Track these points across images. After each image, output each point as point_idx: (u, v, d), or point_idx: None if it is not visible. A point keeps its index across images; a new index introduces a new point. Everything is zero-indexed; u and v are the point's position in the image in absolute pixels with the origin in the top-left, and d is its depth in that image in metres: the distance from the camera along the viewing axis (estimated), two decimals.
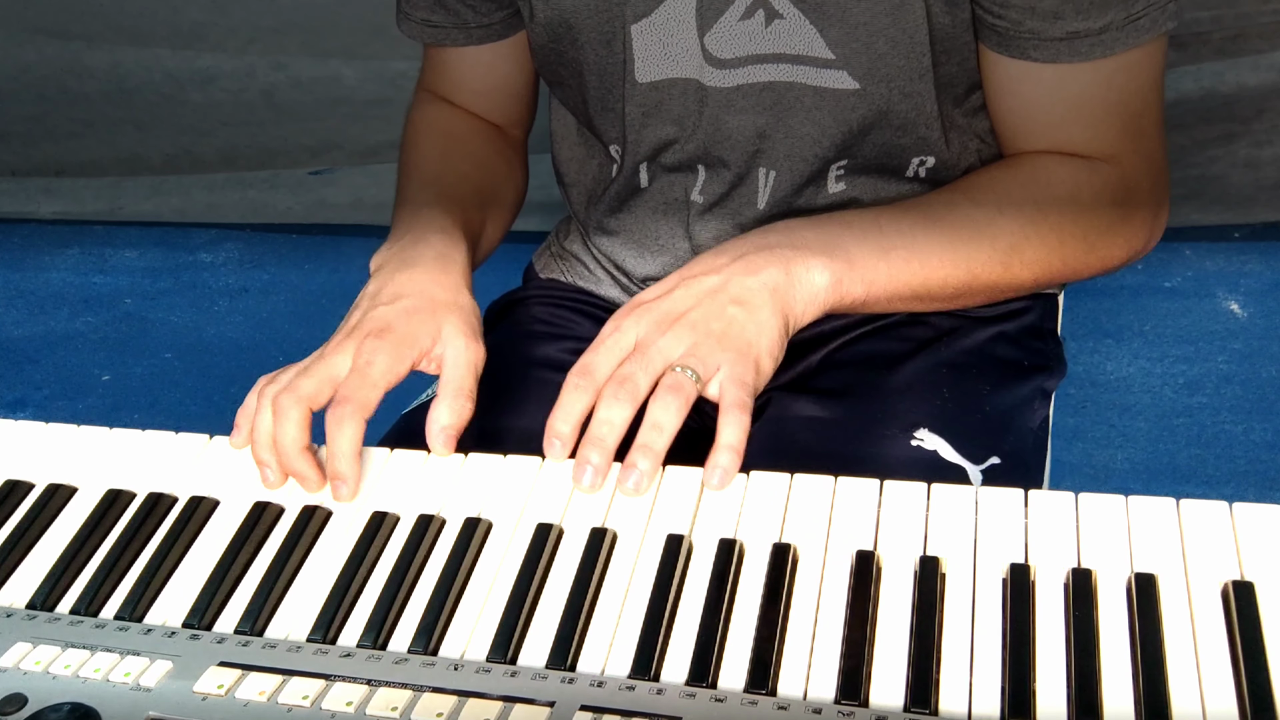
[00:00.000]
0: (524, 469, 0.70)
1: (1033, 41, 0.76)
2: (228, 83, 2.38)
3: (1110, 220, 0.80)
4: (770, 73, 0.80)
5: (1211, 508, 0.61)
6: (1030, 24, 0.75)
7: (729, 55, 0.80)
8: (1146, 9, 0.74)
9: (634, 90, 0.84)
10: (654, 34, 0.81)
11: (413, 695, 0.57)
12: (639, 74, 0.83)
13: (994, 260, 0.77)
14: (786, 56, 0.79)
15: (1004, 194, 0.79)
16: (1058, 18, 0.74)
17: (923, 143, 0.84)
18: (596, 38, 0.83)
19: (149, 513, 0.70)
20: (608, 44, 0.83)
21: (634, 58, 0.82)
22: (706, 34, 0.80)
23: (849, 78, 0.79)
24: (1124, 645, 0.56)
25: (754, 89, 0.81)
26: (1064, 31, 0.74)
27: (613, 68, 0.84)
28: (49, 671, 0.60)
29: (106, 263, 2.49)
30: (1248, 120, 2.03)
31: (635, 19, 0.81)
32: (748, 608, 0.60)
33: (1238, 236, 2.13)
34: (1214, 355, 1.94)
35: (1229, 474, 1.74)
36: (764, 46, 0.79)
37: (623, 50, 0.82)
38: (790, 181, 0.85)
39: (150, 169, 2.56)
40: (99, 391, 2.14)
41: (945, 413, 0.83)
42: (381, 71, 2.30)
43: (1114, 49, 0.75)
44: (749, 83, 0.81)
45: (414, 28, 0.94)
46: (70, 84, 2.43)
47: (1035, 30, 0.75)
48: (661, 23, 0.80)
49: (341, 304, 0.80)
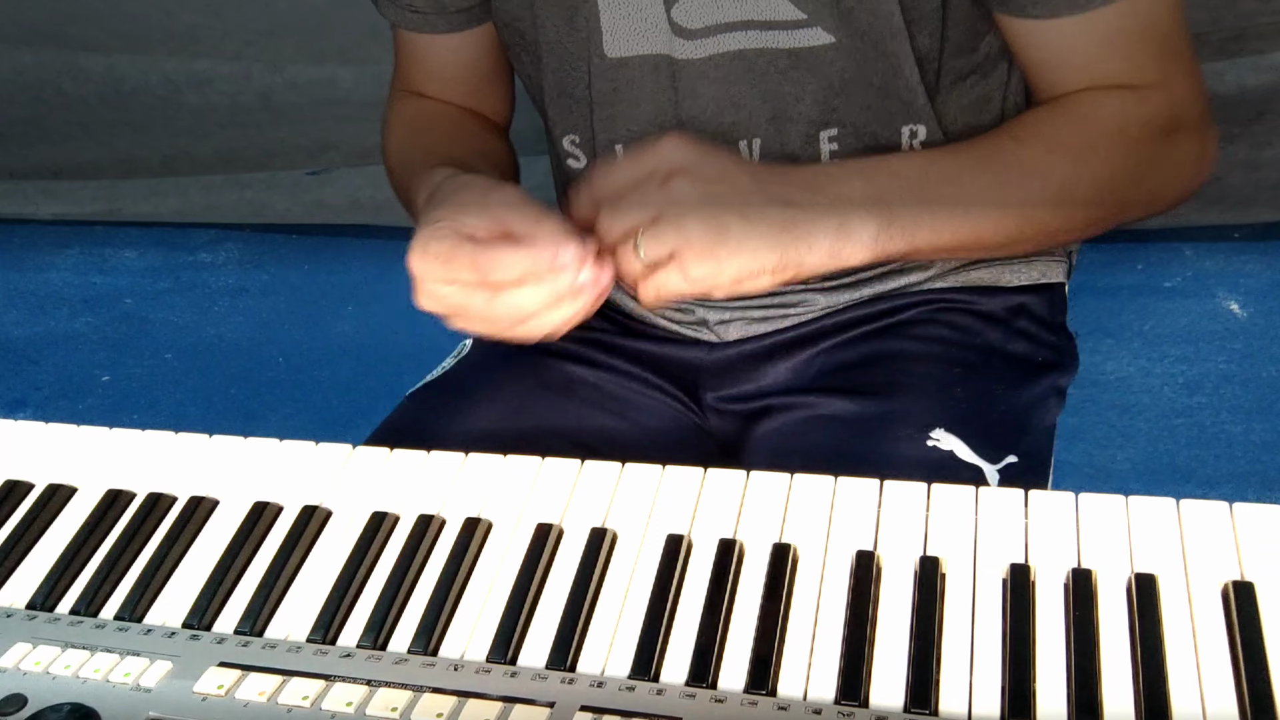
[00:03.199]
0: (524, 469, 0.70)
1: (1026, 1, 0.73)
2: (224, 85, 2.38)
3: (1159, 152, 0.77)
4: (740, 40, 0.79)
5: (1211, 508, 0.61)
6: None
7: (697, 25, 0.79)
8: None
9: (602, 66, 0.82)
10: (622, 7, 0.79)
11: (413, 695, 0.57)
12: (607, 48, 0.81)
13: (1046, 202, 0.75)
14: (756, 23, 0.78)
15: (1051, 132, 0.76)
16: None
17: (908, 109, 0.82)
18: (558, 13, 0.82)
19: (149, 513, 0.70)
20: (569, 20, 0.81)
21: (601, 30, 0.81)
22: (674, 6, 0.78)
23: (823, 33, 0.78)
24: (1124, 645, 0.56)
25: (725, 58, 0.80)
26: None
27: (575, 46, 0.83)
28: (49, 672, 0.60)
29: (106, 263, 2.49)
30: (1248, 121, 2.02)
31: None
32: (748, 608, 0.60)
33: (1238, 236, 2.12)
34: (1214, 355, 1.94)
35: (1229, 474, 1.74)
36: (731, 14, 0.78)
37: (586, 26, 0.81)
38: (777, 147, 0.83)
39: (148, 171, 2.56)
40: (99, 391, 2.14)
41: (960, 412, 0.83)
42: (377, 74, 2.30)
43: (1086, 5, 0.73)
44: (719, 52, 0.79)
45: (396, 12, 0.92)
46: (67, 87, 2.42)
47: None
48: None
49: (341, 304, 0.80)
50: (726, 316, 0.91)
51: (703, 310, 0.91)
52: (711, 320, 0.91)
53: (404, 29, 0.94)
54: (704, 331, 0.92)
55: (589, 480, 0.69)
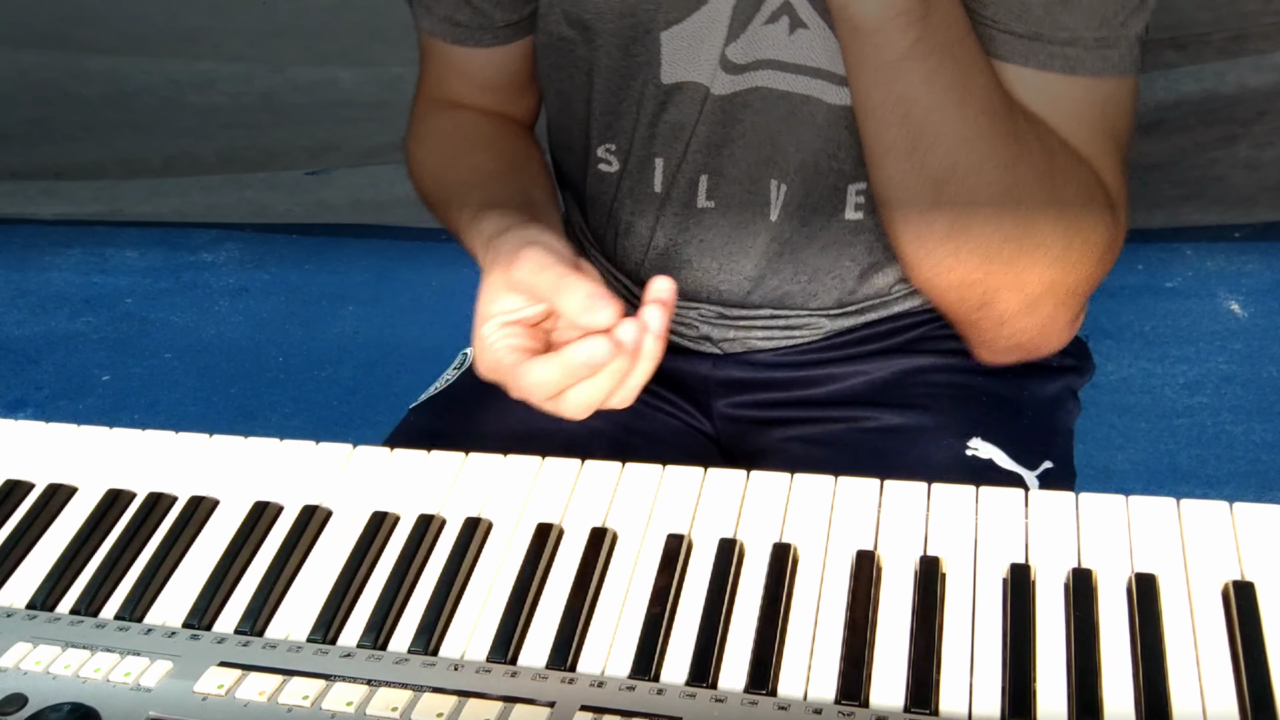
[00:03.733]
0: (524, 469, 0.70)
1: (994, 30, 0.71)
2: (226, 86, 2.38)
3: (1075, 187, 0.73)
4: (788, 82, 0.79)
5: (1211, 508, 0.61)
6: (993, 11, 0.71)
7: (745, 60, 0.79)
8: (1117, 40, 0.71)
9: (656, 91, 0.82)
10: (684, 39, 0.79)
11: (413, 695, 0.57)
12: (664, 76, 0.81)
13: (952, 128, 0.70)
14: (806, 69, 0.78)
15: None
16: (1024, 8, 0.70)
17: None
18: (615, 41, 0.82)
19: (149, 513, 0.70)
20: (626, 48, 0.81)
21: (661, 62, 0.80)
22: (732, 42, 0.78)
23: None
24: (1124, 645, 0.56)
25: (770, 95, 0.79)
26: (1027, 29, 0.71)
27: (630, 71, 0.82)
28: (49, 671, 0.60)
29: (107, 263, 2.49)
30: (1248, 121, 2.02)
31: (666, 25, 0.79)
32: (748, 608, 0.60)
33: (1238, 236, 2.13)
34: (1214, 355, 1.94)
35: (1229, 474, 1.74)
36: (784, 54, 0.78)
37: (646, 54, 0.80)
38: (802, 196, 0.83)
39: (150, 171, 2.56)
40: (99, 391, 2.14)
41: (991, 420, 0.83)
42: (378, 75, 2.31)
43: (1076, 70, 0.71)
44: (762, 86, 0.79)
45: (436, 24, 0.90)
46: (70, 87, 2.43)
47: (997, 17, 0.71)
48: (693, 29, 0.79)
49: (341, 304, 0.80)
50: (730, 335, 0.91)
51: (706, 326, 0.91)
52: (715, 336, 0.91)
53: (444, 41, 0.91)
54: (707, 345, 0.92)
55: (589, 480, 0.69)
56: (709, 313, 0.91)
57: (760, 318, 0.90)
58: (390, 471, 0.71)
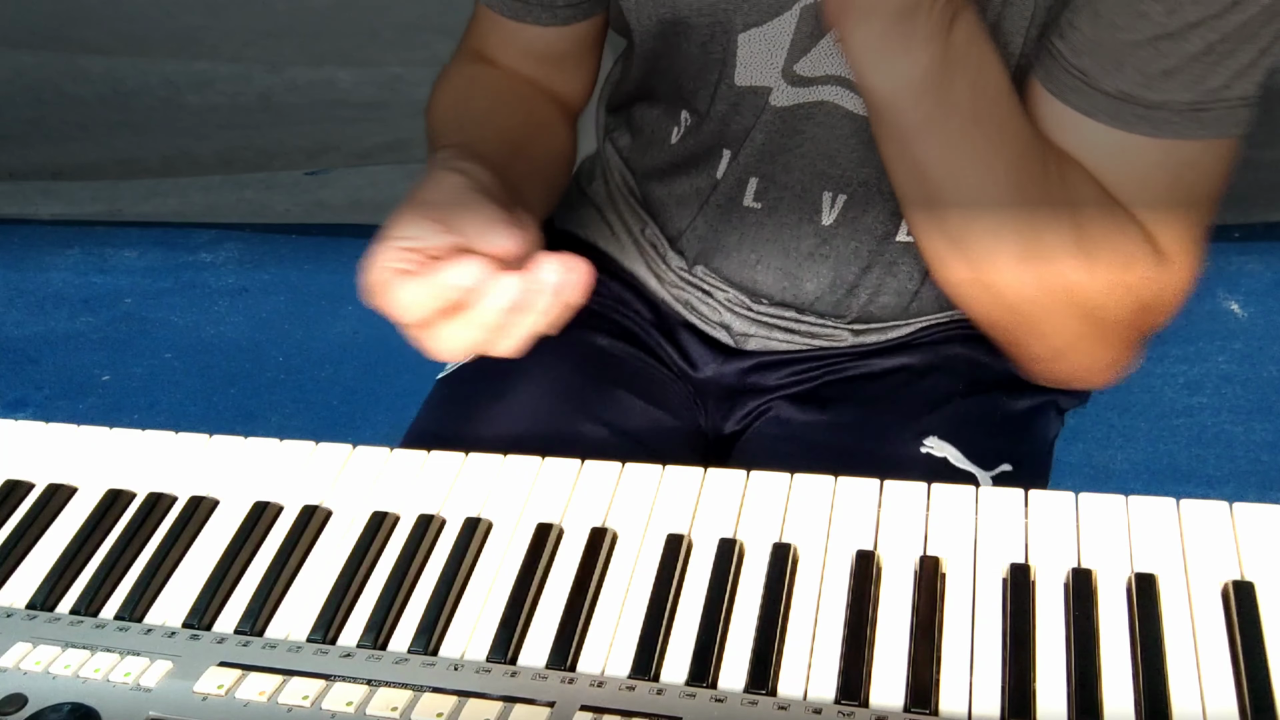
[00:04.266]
0: (524, 469, 0.70)
1: (1077, 84, 0.68)
2: (224, 86, 2.38)
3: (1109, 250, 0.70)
4: (853, 101, 0.77)
5: (1211, 508, 0.61)
6: (1085, 61, 0.67)
7: (817, 74, 0.77)
8: (1214, 103, 0.66)
9: (729, 92, 0.81)
10: (761, 43, 0.78)
11: (413, 695, 0.57)
12: (738, 78, 0.80)
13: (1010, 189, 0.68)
14: None
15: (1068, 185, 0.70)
16: (1118, 68, 0.66)
17: None
18: (695, 38, 0.80)
19: (149, 513, 0.70)
20: (704, 45, 0.80)
21: (736, 64, 0.79)
22: (802, 56, 0.77)
23: None
24: (1124, 645, 0.56)
25: (835, 111, 0.78)
26: (1115, 89, 0.66)
27: (707, 68, 0.81)
28: (49, 671, 0.60)
29: (106, 263, 2.49)
30: None
31: (745, 28, 0.77)
32: (748, 608, 0.60)
33: (1238, 236, 2.12)
34: (1214, 355, 1.94)
35: (1229, 474, 1.74)
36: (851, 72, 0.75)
37: (721, 53, 0.79)
38: (860, 210, 0.82)
39: (148, 171, 2.56)
40: (99, 391, 2.14)
41: (956, 421, 0.83)
42: (376, 76, 2.31)
43: (1162, 131, 0.67)
44: (829, 101, 0.78)
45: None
46: (67, 87, 2.42)
47: (1086, 70, 0.67)
48: (771, 34, 0.77)
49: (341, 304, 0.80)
50: (750, 330, 0.91)
51: (729, 315, 0.91)
52: (735, 328, 0.92)
53: (500, 14, 0.87)
54: (722, 334, 0.93)
55: (589, 480, 0.69)
56: (736, 300, 0.91)
57: (786, 319, 0.90)
58: (390, 471, 0.71)
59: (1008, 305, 0.72)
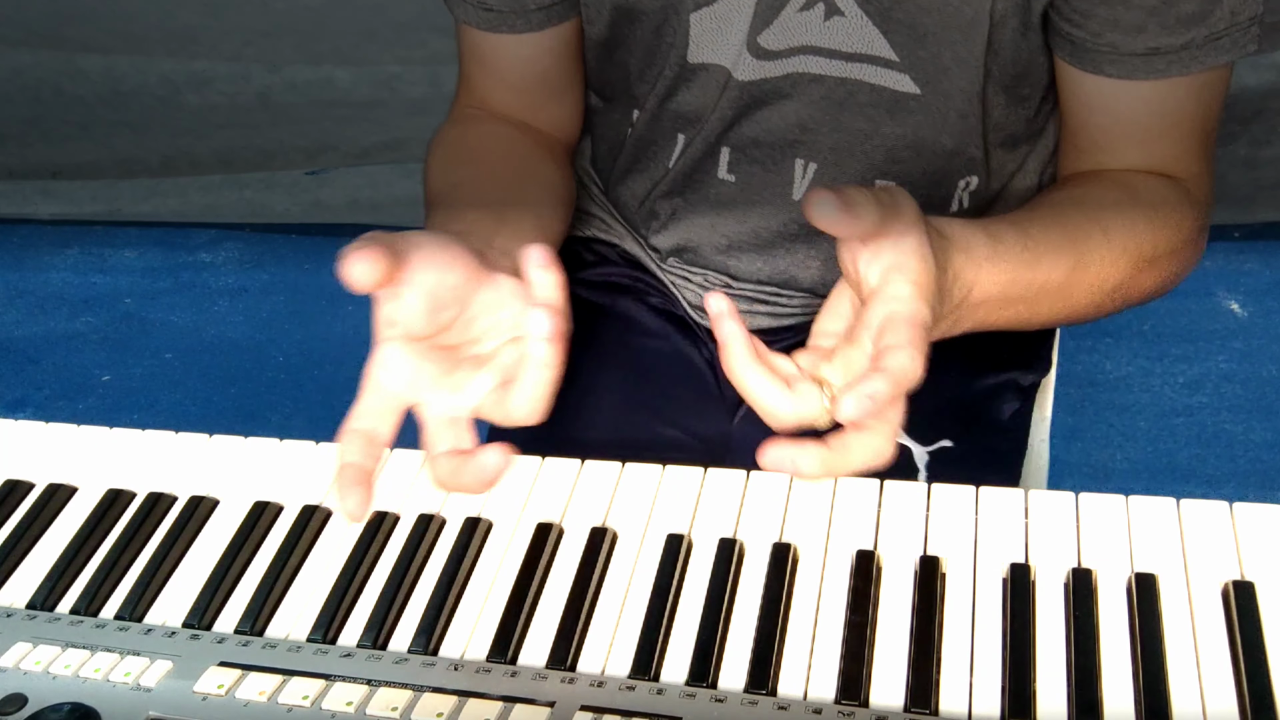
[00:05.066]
0: (524, 469, 0.70)
1: (1110, 56, 0.73)
2: (223, 85, 2.38)
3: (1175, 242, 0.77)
4: (822, 66, 0.79)
5: (1211, 508, 0.62)
6: (1110, 36, 0.72)
7: (779, 46, 0.78)
8: (1229, 29, 0.71)
9: (682, 70, 0.82)
10: (713, 21, 0.79)
11: (413, 695, 0.57)
12: (690, 56, 0.81)
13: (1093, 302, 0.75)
14: (842, 53, 0.78)
15: (1133, 235, 0.75)
16: (1140, 31, 0.71)
17: (971, 163, 0.83)
18: (648, 24, 0.82)
19: (149, 513, 0.70)
20: (657, 30, 0.81)
21: (689, 42, 0.81)
22: (764, 29, 0.78)
23: (911, 82, 0.78)
24: (1124, 645, 0.56)
25: (802, 79, 0.79)
26: (1144, 47, 0.72)
27: (660, 50, 0.83)
28: (49, 671, 0.60)
29: (106, 263, 2.49)
30: (1247, 121, 2.02)
31: (695, 8, 0.79)
32: (748, 608, 0.60)
33: (1238, 236, 2.12)
34: (1214, 355, 1.94)
35: (1229, 474, 1.74)
36: (819, 40, 0.78)
37: (673, 35, 0.81)
38: (832, 178, 0.83)
39: (147, 171, 2.56)
40: (99, 391, 2.14)
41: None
42: (375, 74, 2.31)
43: (1190, 68, 0.72)
44: (796, 72, 0.79)
45: (469, 10, 0.87)
46: (66, 87, 2.42)
47: (1114, 44, 0.72)
48: (722, 12, 0.79)
49: (341, 304, 0.80)
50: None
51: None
52: None
53: (476, 28, 0.88)
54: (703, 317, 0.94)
55: (589, 480, 0.69)
56: (715, 281, 0.92)
57: (764, 294, 0.91)
58: (390, 471, 0.71)
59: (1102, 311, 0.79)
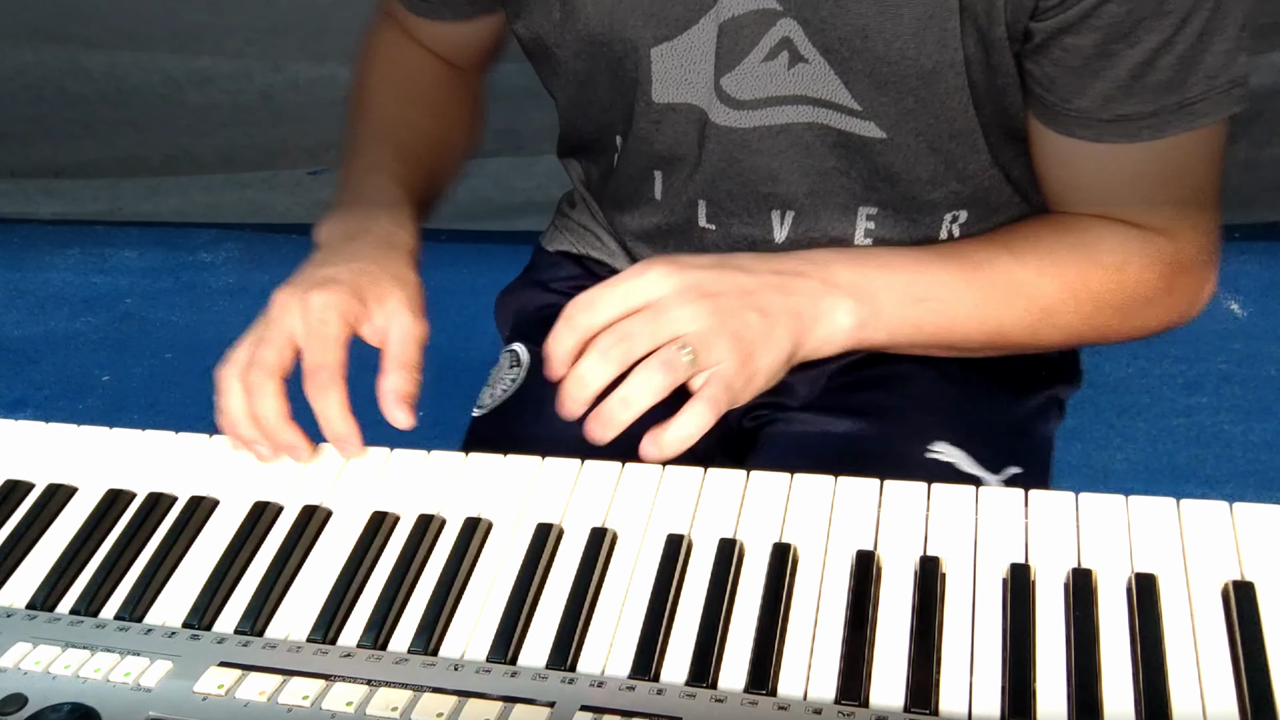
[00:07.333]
0: (524, 469, 0.70)
1: (1079, 120, 0.72)
2: (225, 84, 2.38)
3: (1153, 292, 0.77)
4: (789, 114, 0.78)
5: (1211, 508, 0.61)
6: (1078, 103, 0.71)
7: (748, 96, 0.77)
8: (1205, 93, 0.70)
9: (649, 109, 0.82)
10: (675, 59, 0.78)
11: (413, 695, 0.57)
12: (655, 95, 0.81)
13: (1025, 322, 0.76)
14: (808, 99, 0.77)
15: (1049, 255, 0.76)
16: (1109, 101, 0.71)
17: (954, 197, 0.82)
18: (611, 55, 0.81)
19: (149, 513, 0.70)
20: (619, 62, 0.81)
21: (652, 79, 0.80)
22: (726, 74, 0.77)
23: (876, 128, 0.77)
24: (1124, 645, 0.56)
25: (771, 131, 0.79)
26: (1113, 114, 0.71)
27: (626, 86, 0.82)
28: (49, 671, 0.60)
29: (106, 263, 2.49)
30: (1247, 121, 2.02)
31: (656, 42, 0.78)
32: (748, 608, 0.60)
33: (1237, 236, 2.12)
34: (1214, 355, 1.94)
35: (1229, 474, 1.74)
36: (785, 88, 0.76)
37: (636, 70, 0.80)
38: (812, 220, 0.83)
39: (149, 170, 2.56)
40: (99, 391, 2.14)
41: (962, 424, 0.83)
42: None
43: (1164, 132, 0.71)
44: (767, 124, 0.78)
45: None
46: (68, 85, 2.42)
47: (1083, 110, 0.72)
48: (683, 50, 0.78)
49: None
50: None
51: None
52: None
53: (409, 11, 0.92)
54: None
55: (589, 480, 0.69)
56: None
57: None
58: (390, 471, 0.71)
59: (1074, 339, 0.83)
